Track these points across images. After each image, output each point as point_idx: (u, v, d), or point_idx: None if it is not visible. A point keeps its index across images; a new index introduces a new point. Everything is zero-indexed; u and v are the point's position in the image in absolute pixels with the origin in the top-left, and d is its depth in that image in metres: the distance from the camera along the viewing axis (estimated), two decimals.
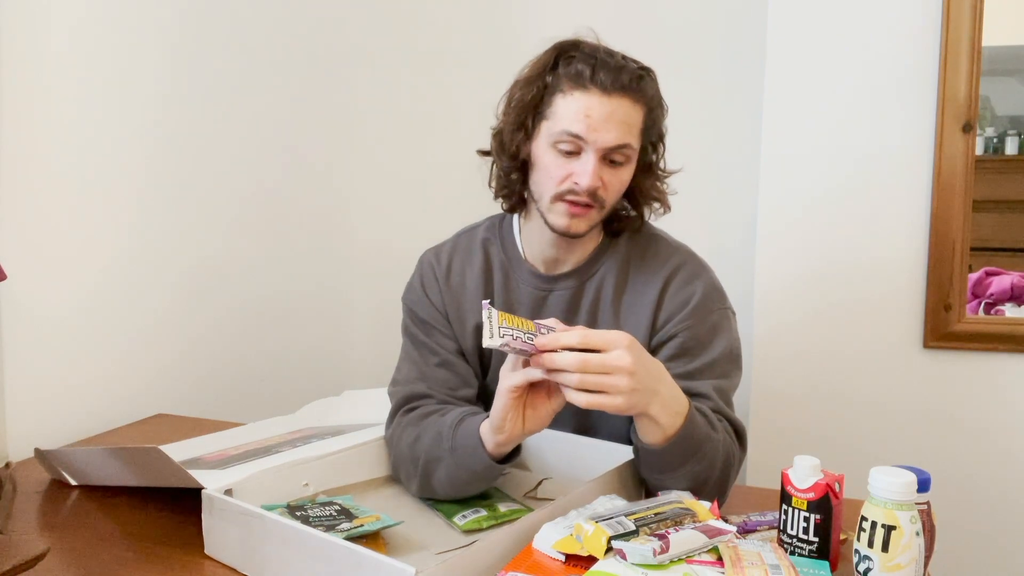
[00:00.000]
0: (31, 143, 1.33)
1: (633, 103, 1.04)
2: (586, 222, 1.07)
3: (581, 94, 1.03)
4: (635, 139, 1.06)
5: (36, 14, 1.32)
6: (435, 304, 1.18)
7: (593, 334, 0.88)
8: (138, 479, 1.11)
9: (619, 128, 1.03)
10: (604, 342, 0.87)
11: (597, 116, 1.02)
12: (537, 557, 0.81)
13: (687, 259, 1.13)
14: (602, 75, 1.02)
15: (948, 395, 1.62)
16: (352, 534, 0.89)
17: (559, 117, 1.05)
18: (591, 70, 1.03)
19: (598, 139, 1.03)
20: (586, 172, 1.03)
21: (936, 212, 1.57)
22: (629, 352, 0.87)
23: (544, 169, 1.07)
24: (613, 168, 1.06)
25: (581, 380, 0.86)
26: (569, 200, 1.05)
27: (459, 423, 1.03)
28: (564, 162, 1.05)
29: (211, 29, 1.67)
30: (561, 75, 1.05)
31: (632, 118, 1.05)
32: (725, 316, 1.11)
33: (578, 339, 0.87)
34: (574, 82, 1.04)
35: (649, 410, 0.92)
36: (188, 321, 1.66)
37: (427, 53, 2.02)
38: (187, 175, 1.64)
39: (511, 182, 1.13)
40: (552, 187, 1.06)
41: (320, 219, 2.00)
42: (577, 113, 1.03)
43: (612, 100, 1.03)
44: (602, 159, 1.04)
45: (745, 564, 0.76)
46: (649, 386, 0.91)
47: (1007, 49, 1.60)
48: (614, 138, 1.03)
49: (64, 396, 1.42)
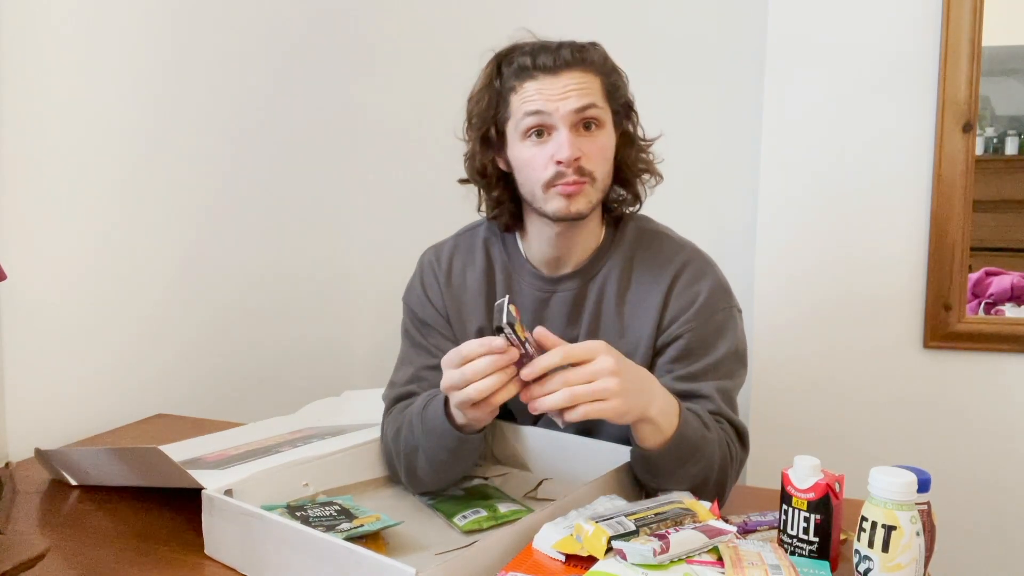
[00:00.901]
0: (31, 143, 1.33)
1: (584, 72, 1.04)
2: (584, 199, 1.05)
3: (531, 83, 1.04)
4: (599, 100, 1.05)
5: (35, 16, 1.32)
6: (435, 305, 1.18)
7: (573, 348, 0.88)
8: (138, 479, 1.11)
9: (578, 92, 1.03)
10: (585, 352, 0.88)
11: (551, 91, 1.03)
12: (537, 557, 0.81)
13: (692, 257, 1.12)
14: (543, 59, 1.04)
15: (948, 395, 1.62)
16: (352, 534, 0.89)
17: (518, 109, 1.05)
18: (531, 59, 1.04)
19: (560, 107, 1.02)
20: (562, 145, 1.02)
21: (936, 212, 1.57)
22: (609, 355, 0.88)
23: (525, 164, 1.06)
24: (589, 135, 1.05)
25: (571, 395, 0.86)
26: (559, 184, 1.04)
27: (426, 406, 1.04)
28: (540, 148, 1.04)
29: (210, 28, 1.67)
30: (507, 76, 1.06)
31: (588, 83, 1.04)
32: (731, 315, 1.10)
33: (560, 358, 0.87)
34: (520, 77, 1.05)
35: (649, 412, 0.92)
36: (188, 321, 1.66)
37: (428, 51, 2.02)
38: (187, 175, 1.64)
39: (499, 200, 1.13)
40: (538, 176, 1.05)
41: (320, 219, 2.00)
42: (532, 97, 1.04)
43: (562, 75, 1.03)
44: (574, 128, 1.03)
45: (745, 564, 0.76)
46: (641, 388, 0.91)
47: (1007, 49, 1.60)
48: (575, 102, 1.03)
49: (64, 396, 1.42)
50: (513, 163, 1.09)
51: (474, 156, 1.12)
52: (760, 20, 1.67)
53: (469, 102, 1.12)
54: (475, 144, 1.11)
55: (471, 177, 1.15)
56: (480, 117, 1.09)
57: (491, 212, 1.16)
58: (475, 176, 1.14)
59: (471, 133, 1.12)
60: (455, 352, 0.91)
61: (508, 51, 1.09)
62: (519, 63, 1.05)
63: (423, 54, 2.03)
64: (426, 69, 2.02)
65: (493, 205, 1.15)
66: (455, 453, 1.03)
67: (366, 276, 2.08)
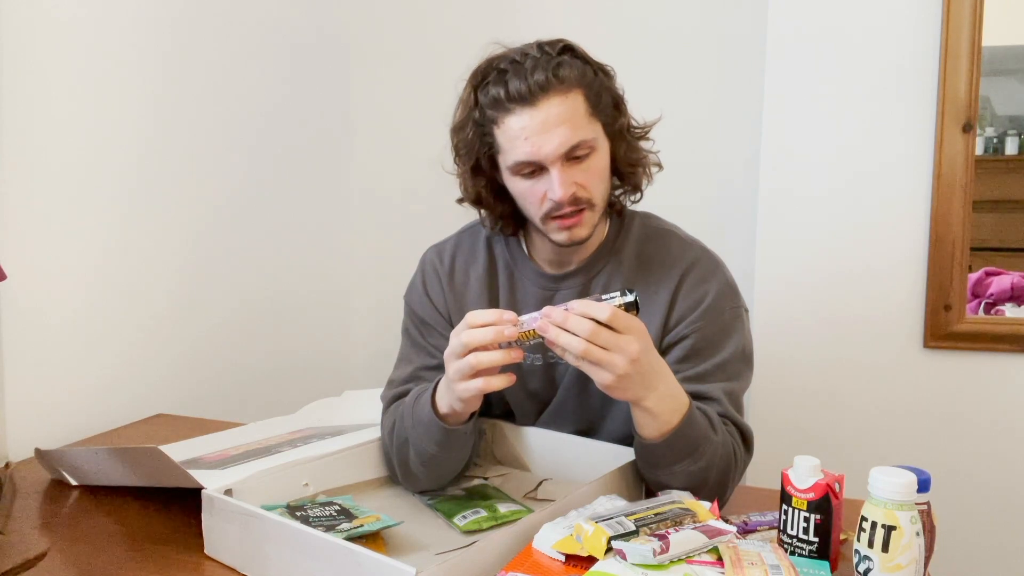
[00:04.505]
0: (31, 143, 1.33)
1: (563, 96, 0.99)
2: (586, 227, 1.05)
3: (509, 117, 1.00)
4: (584, 128, 1.01)
5: (37, 23, 1.32)
6: (436, 304, 1.17)
7: (619, 316, 0.88)
8: (138, 479, 1.11)
9: (560, 129, 0.99)
10: (624, 325, 0.88)
11: (533, 130, 0.99)
12: (537, 557, 0.81)
13: (700, 256, 1.11)
14: (515, 87, 0.98)
15: (948, 395, 1.62)
16: (352, 534, 0.89)
17: (506, 150, 1.03)
18: (504, 89, 0.99)
19: (548, 152, 0.99)
20: (555, 187, 1.00)
21: (936, 212, 1.57)
22: (639, 340, 0.89)
23: (521, 196, 1.06)
24: (580, 163, 1.02)
25: (587, 349, 0.87)
26: (557, 216, 1.03)
27: (417, 398, 1.05)
28: (533, 185, 1.03)
29: (209, 30, 1.67)
30: (484, 105, 1.02)
31: (569, 111, 0.99)
32: (738, 315, 1.09)
33: (607, 316, 0.88)
34: (498, 109, 1.01)
35: (644, 402, 0.92)
36: (188, 321, 1.66)
37: (427, 51, 2.02)
38: (187, 176, 1.64)
39: (500, 215, 1.13)
40: (536, 211, 1.05)
41: (320, 219, 2.00)
42: (516, 139, 1.00)
43: (540, 107, 0.98)
44: (564, 164, 1.01)
45: (745, 564, 0.76)
46: (646, 379, 0.91)
47: (1007, 49, 1.60)
48: (560, 143, 0.99)
49: (64, 396, 1.42)
50: (509, 190, 1.08)
51: (466, 186, 1.11)
52: (760, 20, 1.67)
53: (452, 132, 1.09)
54: (466, 175, 1.10)
55: (468, 198, 1.14)
56: (466, 149, 1.07)
57: (494, 226, 1.15)
58: (471, 202, 1.13)
59: (460, 163, 1.10)
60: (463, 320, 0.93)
61: (481, 74, 1.04)
62: (492, 95, 1.01)
63: (425, 55, 2.03)
64: (425, 74, 2.02)
65: (494, 221, 1.14)
66: (442, 446, 1.03)
67: (366, 276, 2.08)
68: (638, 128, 1.10)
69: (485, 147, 1.06)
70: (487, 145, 1.05)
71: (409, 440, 1.05)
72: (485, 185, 1.10)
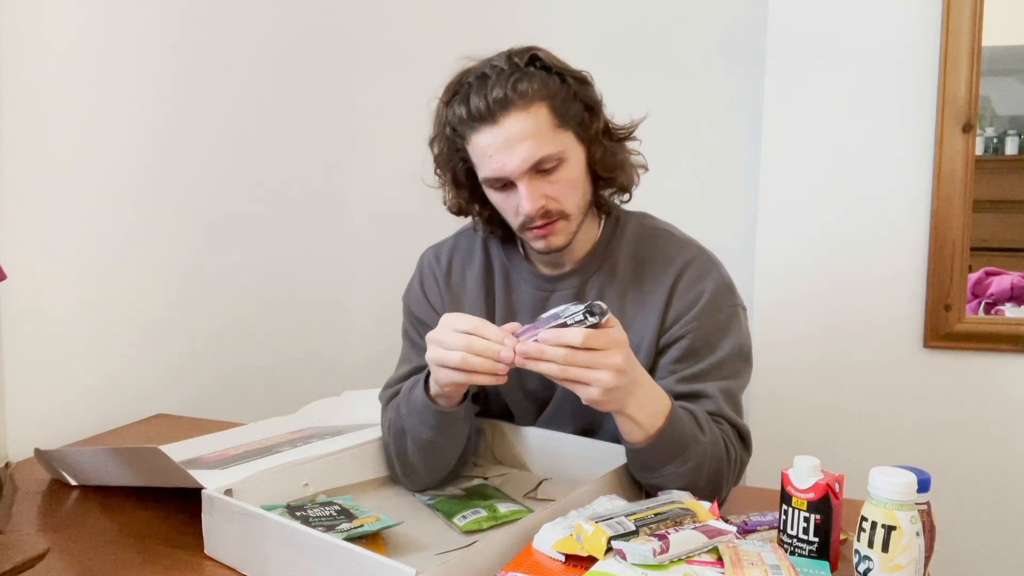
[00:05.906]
0: (31, 143, 1.33)
1: (524, 111, 0.98)
2: (561, 235, 1.05)
3: (474, 135, 1.01)
4: (549, 142, 1.00)
5: (35, 18, 1.32)
6: (434, 305, 1.18)
7: (594, 337, 0.87)
8: (138, 479, 1.11)
9: (524, 145, 0.98)
10: (603, 343, 0.88)
11: (497, 148, 0.99)
12: (537, 557, 0.81)
13: (696, 255, 1.11)
14: (475, 105, 0.98)
15: (948, 395, 1.62)
16: (352, 534, 0.89)
17: (476, 165, 1.04)
18: (466, 108, 0.99)
19: (512, 168, 0.99)
20: (523, 202, 1.01)
21: (936, 212, 1.57)
22: (620, 353, 0.89)
23: (498, 207, 1.08)
24: (549, 176, 1.01)
25: (562, 370, 0.88)
26: (531, 228, 1.04)
27: (412, 386, 1.06)
28: (506, 197, 1.04)
29: (210, 31, 1.67)
30: (453, 124, 1.03)
31: (532, 126, 0.98)
32: (734, 314, 1.09)
33: (580, 340, 0.87)
34: (462, 127, 1.01)
35: (626, 409, 0.93)
36: (188, 321, 1.66)
37: (427, 53, 2.02)
38: (188, 176, 1.64)
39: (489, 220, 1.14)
40: (512, 221, 1.06)
41: (320, 219, 2.00)
42: (482, 156, 1.01)
43: (502, 124, 0.98)
44: (532, 177, 1.00)
45: (745, 564, 0.76)
46: (628, 387, 0.91)
47: (1007, 49, 1.60)
48: (524, 159, 0.98)
49: (64, 396, 1.42)
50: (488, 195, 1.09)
51: (447, 196, 1.14)
52: (760, 21, 1.67)
53: (430, 145, 1.11)
54: (447, 187, 1.12)
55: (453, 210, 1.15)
56: (444, 163, 1.10)
57: (485, 231, 1.16)
58: (453, 213, 1.15)
59: (440, 175, 1.12)
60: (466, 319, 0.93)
61: (451, 89, 1.04)
62: (456, 113, 1.01)
63: (425, 55, 2.03)
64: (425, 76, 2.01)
65: (484, 226, 1.16)
66: (436, 431, 1.04)
67: (366, 277, 2.08)
68: (620, 129, 1.09)
69: (460, 161, 1.08)
70: (461, 160, 1.07)
71: (405, 429, 1.06)
72: (467, 195, 1.12)
